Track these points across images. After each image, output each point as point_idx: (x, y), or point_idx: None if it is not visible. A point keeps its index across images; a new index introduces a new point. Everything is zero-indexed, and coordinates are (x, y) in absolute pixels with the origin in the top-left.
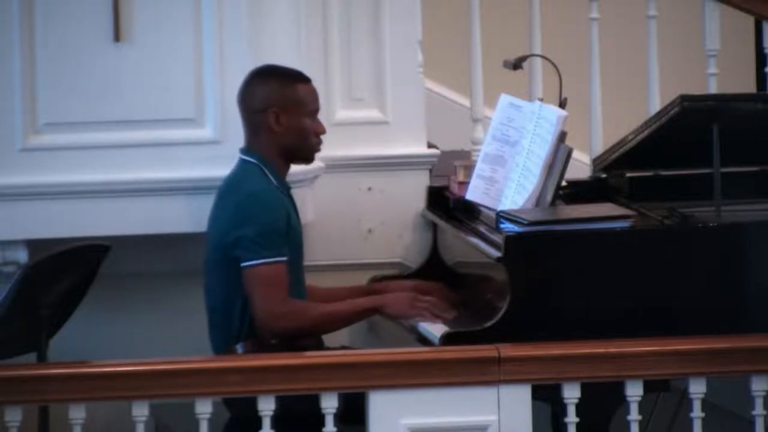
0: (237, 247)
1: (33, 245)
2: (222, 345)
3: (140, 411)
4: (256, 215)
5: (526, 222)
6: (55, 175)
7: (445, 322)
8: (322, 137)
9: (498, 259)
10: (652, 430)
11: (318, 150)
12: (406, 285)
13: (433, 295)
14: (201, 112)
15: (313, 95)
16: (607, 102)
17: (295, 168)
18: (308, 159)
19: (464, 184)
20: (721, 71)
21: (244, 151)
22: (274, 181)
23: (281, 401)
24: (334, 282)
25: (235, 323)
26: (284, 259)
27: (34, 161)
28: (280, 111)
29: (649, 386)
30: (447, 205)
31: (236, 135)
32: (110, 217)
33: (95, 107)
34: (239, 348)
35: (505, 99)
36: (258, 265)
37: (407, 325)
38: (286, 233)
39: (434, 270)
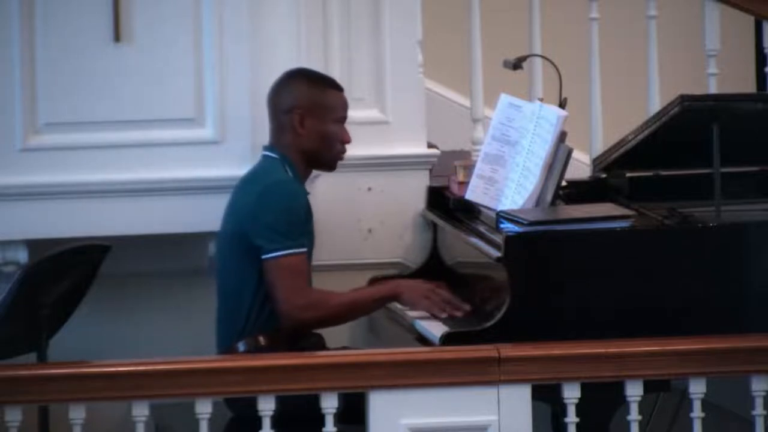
0: (259, 237)
1: (33, 245)
2: (228, 335)
3: (140, 411)
4: (279, 202)
5: (526, 222)
6: (55, 175)
7: (445, 322)
8: (347, 146)
9: (498, 259)
10: (652, 430)
11: (341, 158)
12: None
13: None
14: (201, 112)
15: (343, 103)
16: (607, 102)
17: None
18: (330, 166)
19: (464, 184)
20: (721, 71)
21: (267, 148)
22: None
23: (281, 401)
24: (334, 282)
25: (244, 310)
26: (305, 249)
27: (34, 161)
28: (305, 113)
29: (649, 386)
30: (447, 205)
31: (236, 135)
32: (110, 217)
33: (95, 107)
34: (240, 346)
35: (505, 99)
36: (281, 256)
37: (406, 325)
38: (305, 223)
39: (434, 270)
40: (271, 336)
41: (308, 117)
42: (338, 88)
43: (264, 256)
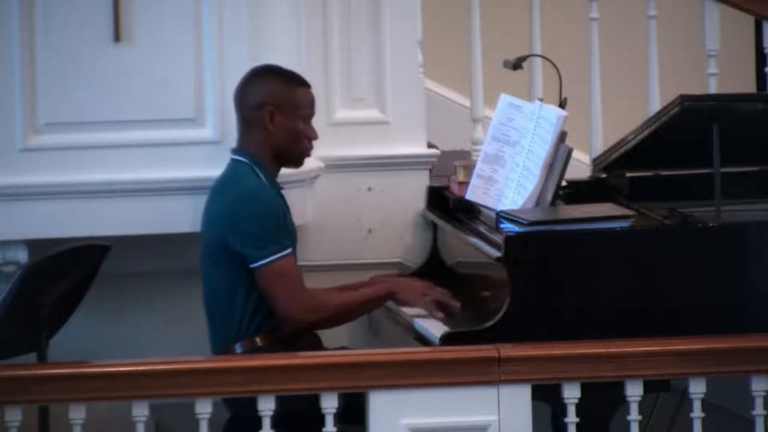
0: (243, 246)
1: (33, 245)
2: (223, 340)
3: (140, 411)
4: (255, 211)
5: (526, 222)
6: (55, 175)
7: (445, 322)
8: (315, 143)
9: (498, 259)
10: (652, 430)
11: (308, 155)
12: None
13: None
14: (201, 112)
15: (310, 100)
16: (607, 102)
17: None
18: (297, 163)
19: (464, 184)
20: (721, 71)
21: (235, 150)
22: (266, 181)
23: (281, 401)
24: (335, 282)
25: (237, 316)
26: (290, 250)
27: (34, 161)
28: (275, 110)
29: (649, 386)
30: (447, 205)
31: (236, 135)
32: (110, 217)
33: (95, 107)
34: (237, 348)
35: (505, 99)
36: (270, 262)
37: (404, 323)
38: (284, 225)
39: (434, 270)
40: (268, 336)
41: (278, 114)
42: (306, 85)
43: (253, 265)
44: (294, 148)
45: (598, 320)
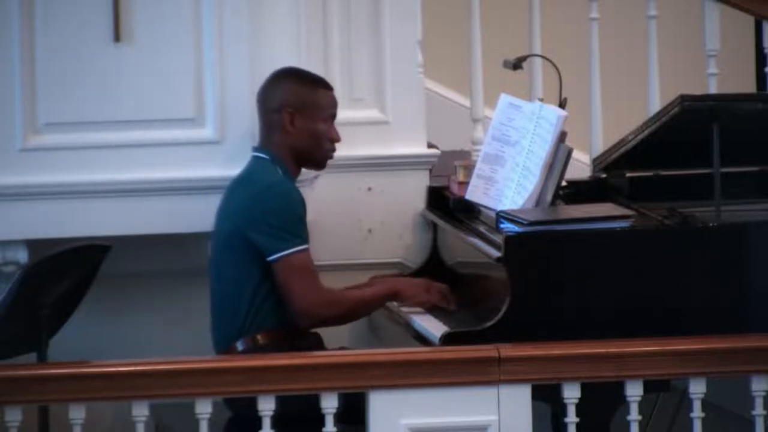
0: (264, 237)
1: (33, 245)
2: (226, 335)
3: (140, 411)
4: (278, 204)
5: (526, 222)
6: (55, 175)
7: (445, 321)
8: (337, 145)
9: (498, 259)
10: (652, 430)
11: (330, 157)
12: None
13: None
14: (201, 112)
15: (332, 101)
16: (607, 102)
17: None
18: (320, 164)
19: (464, 184)
20: (721, 71)
21: (256, 148)
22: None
23: (281, 401)
24: (334, 282)
25: (243, 310)
26: (308, 245)
27: (34, 161)
28: (295, 112)
29: (649, 386)
30: (447, 205)
31: (236, 135)
32: (110, 217)
33: (95, 107)
34: (239, 345)
35: (505, 99)
36: (291, 254)
37: (404, 323)
38: (304, 220)
39: (434, 270)
40: (270, 335)
41: (298, 115)
42: (327, 87)
43: (272, 257)
44: (314, 149)
45: (598, 320)
